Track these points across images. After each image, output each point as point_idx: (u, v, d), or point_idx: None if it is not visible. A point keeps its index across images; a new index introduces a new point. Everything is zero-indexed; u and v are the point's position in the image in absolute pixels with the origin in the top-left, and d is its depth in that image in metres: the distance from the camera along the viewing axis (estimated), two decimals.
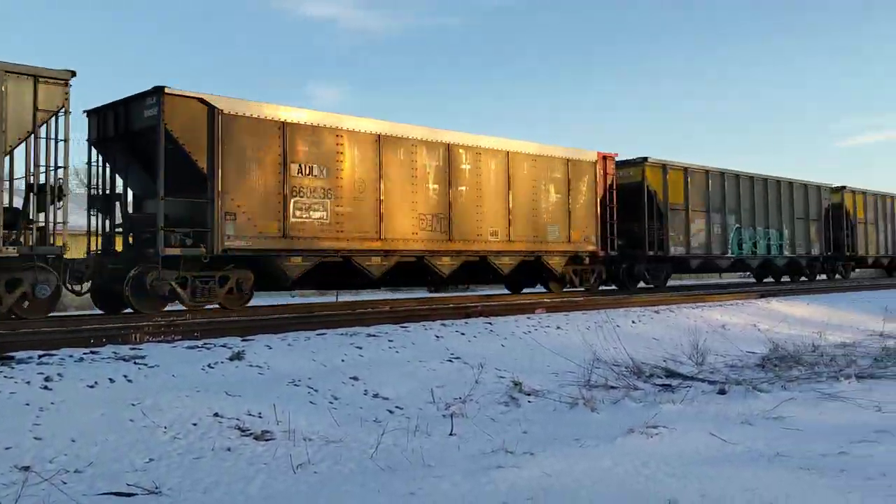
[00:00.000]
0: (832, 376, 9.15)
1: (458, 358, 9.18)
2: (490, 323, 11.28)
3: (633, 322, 12.79)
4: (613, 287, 21.23)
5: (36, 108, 10.74)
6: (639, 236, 20.46)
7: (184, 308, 12.38)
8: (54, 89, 11.00)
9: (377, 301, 16.94)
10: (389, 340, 9.48)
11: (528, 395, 8.00)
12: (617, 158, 19.75)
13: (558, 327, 11.57)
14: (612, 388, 8.37)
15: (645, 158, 20.64)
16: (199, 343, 8.52)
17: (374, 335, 9.64)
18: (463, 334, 10.33)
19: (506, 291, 19.44)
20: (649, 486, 4.90)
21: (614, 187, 19.43)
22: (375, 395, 7.53)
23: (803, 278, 28.22)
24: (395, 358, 8.90)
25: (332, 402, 7.15)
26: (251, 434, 6.03)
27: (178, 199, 12.00)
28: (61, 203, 11.06)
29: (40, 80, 10.78)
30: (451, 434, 6.41)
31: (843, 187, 29.97)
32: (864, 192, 30.83)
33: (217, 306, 13.00)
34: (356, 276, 14.59)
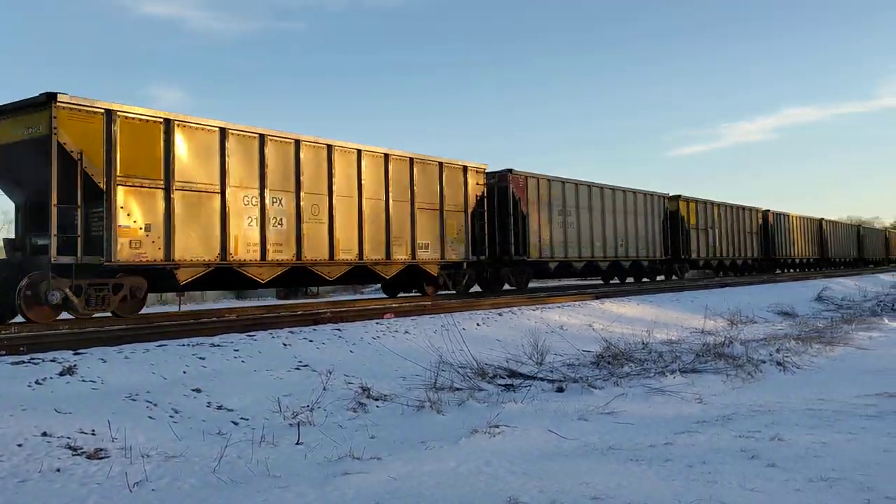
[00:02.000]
0: (659, 372, 9.81)
1: (306, 365, 9.08)
2: (339, 329, 11.23)
3: (478, 325, 13.13)
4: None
5: None
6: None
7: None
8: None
9: (223, 309, 16.42)
10: (235, 350, 9.23)
11: (377, 400, 8.05)
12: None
13: (406, 332, 11.69)
14: (458, 389, 8.57)
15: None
16: (26, 358, 7.94)
17: (218, 345, 9.36)
18: (311, 341, 10.23)
19: (356, 297, 19.46)
20: (491, 484, 5.08)
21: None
22: (219, 407, 7.32)
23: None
24: (240, 368, 8.69)
25: (172, 416, 6.89)
26: (83, 453, 5.70)
27: None
28: None
29: None
30: (297, 443, 6.34)
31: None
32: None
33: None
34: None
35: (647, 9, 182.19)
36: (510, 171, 22.25)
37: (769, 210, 40.71)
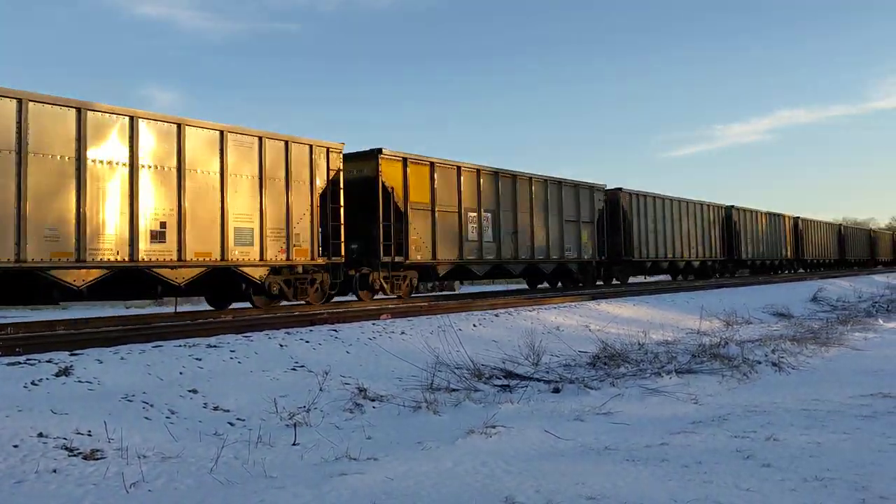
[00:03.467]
0: (655, 372, 9.83)
1: (302, 366, 9.09)
2: (335, 330, 11.23)
3: (475, 325, 13.14)
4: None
5: None
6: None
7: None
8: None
9: (219, 310, 16.40)
10: (231, 351, 9.23)
11: (373, 400, 8.06)
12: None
13: (403, 332, 11.69)
14: (454, 390, 8.58)
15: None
16: (22, 359, 7.94)
17: (214, 346, 9.36)
18: (307, 342, 10.23)
19: (351, 298, 19.40)
20: (488, 483, 5.09)
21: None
22: (216, 408, 7.32)
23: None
24: (236, 368, 8.69)
25: (168, 417, 6.89)
26: (80, 454, 5.70)
27: None
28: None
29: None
30: (294, 444, 6.35)
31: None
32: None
33: None
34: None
35: (638, 10, 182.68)
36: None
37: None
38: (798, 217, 47.75)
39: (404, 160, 18.41)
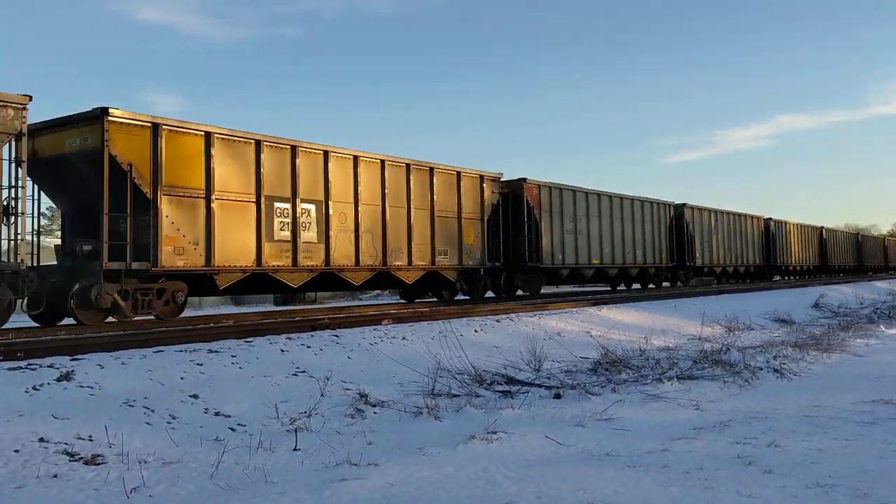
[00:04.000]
0: (657, 378, 9.82)
1: (303, 371, 9.09)
2: (337, 335, 11.24)
3: (476, 331, 13.14)
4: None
5: None
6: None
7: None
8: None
9: (221, 315, 16.42)
10: (232, 356, 9.23)
11: (374, 406, 8.05)
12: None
13: (404, 338, 11.69)
14: (455, 396, 8.58)
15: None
16: (23, 364, 7.93)
17: (215, 351, 9.36)
18: (309, 347, 10.23)
19: (354, 303, 19.52)
20: (489, 489, 5.09)
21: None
22: (217, 413, 7.32)
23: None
24: (238, 374, 8.69)
25: (169, 422, 6.89)
26: (81, 458, 5.71)
27: None
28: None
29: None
30: (295, 449, 6.35)
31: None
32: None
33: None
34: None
35: (637, 15, 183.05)
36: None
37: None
38: (770, 218, 42.50)
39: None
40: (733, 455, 5.98)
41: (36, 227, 14.10)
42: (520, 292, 23.63)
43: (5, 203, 11.84)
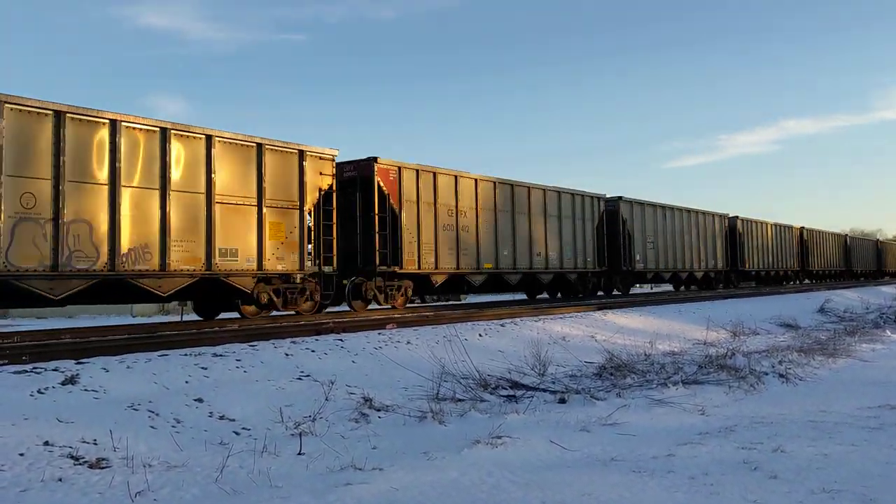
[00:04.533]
0: (662, 383, 9.80)
1: (308, 375, 9.09)
2: (341, 339, 11.24)
3: (480, 335, 13.13)
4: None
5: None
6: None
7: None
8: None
9: (225, 319, 16.42)
10: (237, 360, 9.24)
11: (379, 410, 8.05)
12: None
13: (408, 342, 11.69)
14: (460, 400, 8.57)
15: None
16: (28, 367, 7.96)
17: (220, 355, 9.37)
18: (313, 351, 10.23)
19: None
20: (493, 494, 5.08)
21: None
22: (221, 417, 7.33)
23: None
24: (242, 378, 8.69)
25: (174, 426, 6.89)
26: (85, 462, 5.71)
27: None
28: None
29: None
30: (299, 453, 6.34)
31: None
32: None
33: None
34: None
35: (641, 20, 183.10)
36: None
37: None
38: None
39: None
40: (739, 460, 5.97)
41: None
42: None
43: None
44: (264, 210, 14.65)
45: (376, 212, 17.45)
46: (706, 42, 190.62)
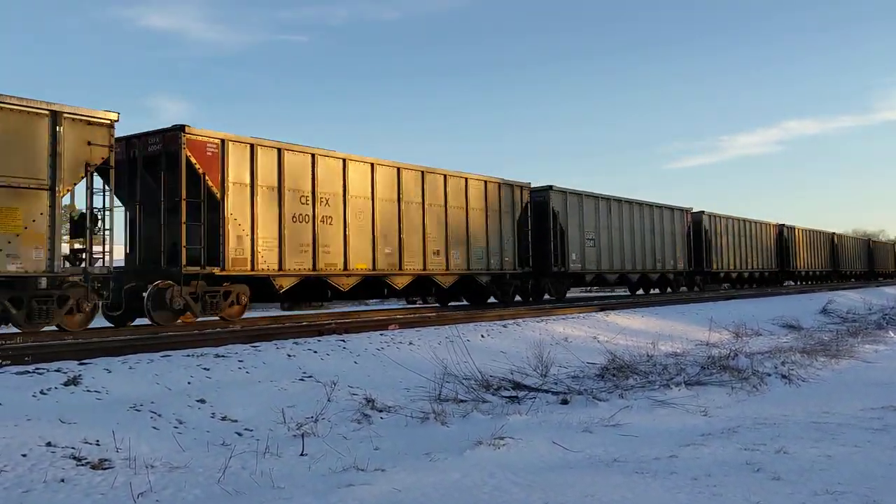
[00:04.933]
0: (664, 384, 9.79)
1: (310, 376, 9.08)
2: (343, 340, 11.24)
3: (483, 336, 13.12)
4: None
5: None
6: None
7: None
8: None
9: (227, 320, 16.42)
10: (239, 361, 9.24)
11: (381, 411, 8.05)
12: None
13: (411, 343, 11.69)
14: (462, 401, 8.57)
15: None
16: (31, 368, 7.96)
17: (222, 355, 9.37)
18: (315, 352, 10.23)
19: (359, 308, 19.42)
20: (496, 495, 5.08)
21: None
22: (224, 418, 7.33)
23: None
24: (244, 378, 8.69)
25: (176, 427, 6.89)
26: (88, 463, 5.71)
27: None
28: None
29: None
30: (301, 454, 6.34)
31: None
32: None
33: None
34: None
35: (641, 21, 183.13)
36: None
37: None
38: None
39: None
40: (741, 461, 5.96)
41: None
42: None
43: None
44: None
45: (183, 196, 13.71)
46: (708, 44, 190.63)
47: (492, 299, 22.56)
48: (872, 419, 7.78)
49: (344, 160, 16.84)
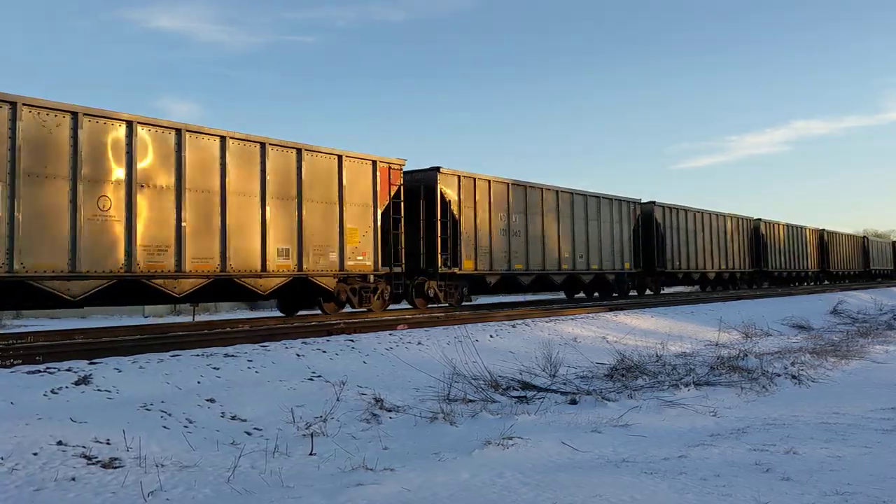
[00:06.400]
0: (673, 384, 9.77)
1: (319, 376, 9.11)
2: (352, 340, 11.26)
3: (491, 336, 13.12)
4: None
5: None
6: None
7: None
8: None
9: (237, 320, 16.49)
10: (249, 360, 9.27)
11: (390, 411, 8.06)
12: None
13: (419, 343, 11.70)
14: (471, 401, 8.57)
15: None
16: (42, 367, 8.01)
17: (232, 355, 9.40)
18: (325, 352, 10.25)
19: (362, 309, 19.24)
20: (504, 495, 5.08)
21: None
22: (233, 417, 7.35)
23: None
24: (254, 378, 8.72)
25: (186, 426, 6.92)
26: (98, 462, 5.75)
27: None
28: None
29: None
30: (311, 454, 6.36)
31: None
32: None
33: None
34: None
35: (649, 21, 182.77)
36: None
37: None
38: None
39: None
40: (751, 462, 5.94)
41: None
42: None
43: None
44: None
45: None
46: (714, 44, 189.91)
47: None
48: (883, 420, 7.75)
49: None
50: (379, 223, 17.18)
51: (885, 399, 8.97)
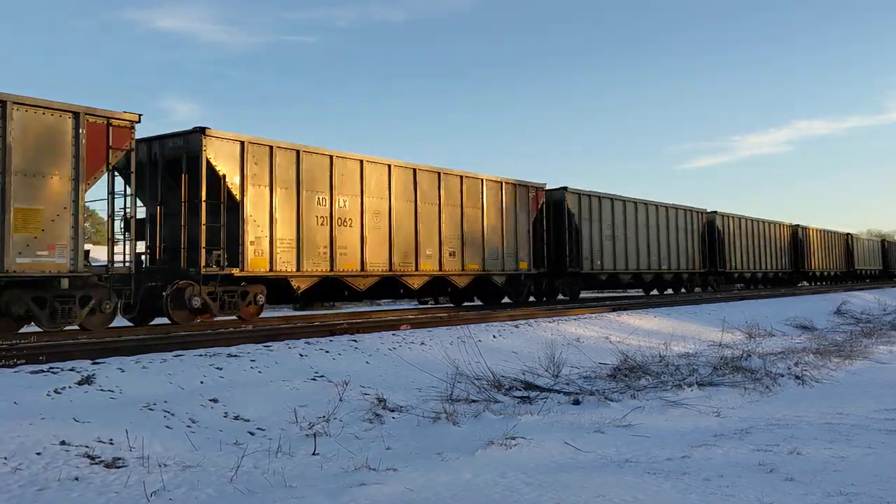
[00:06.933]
0: (676, 385, 9.76)
1: (322, 376, 9.11)
2: (355, 340, 11.26)
3: (494, 336, 13.12)
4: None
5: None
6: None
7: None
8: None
9: (240, 320, 16.49)
10: (251, 360, 9.28)
11: (392, 411, 8.06)
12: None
13: (422, 343, 11.70)
14: (474, 401, 8.56)
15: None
16: (45, 367, 8.02)
17: (235, 355, 9.41)
18: (327, 352, 10.26)
19: (370, 308, 19.27)
20: (507, 495, 5.08)
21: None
22: (236, 417, 7.36)
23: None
24: (257, 378, 8.73)
25: (189, 426, 6.93)
26: (101, 462, 5.75)
27: None
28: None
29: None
30: (314, 454, 6.36)
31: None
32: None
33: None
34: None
35: (652, 21, 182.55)
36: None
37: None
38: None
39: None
40: (754, 462, 5.93)
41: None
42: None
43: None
44: None
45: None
46: (717, 44, 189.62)
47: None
48: (886, 420, 7.73)
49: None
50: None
51: (889, 399, 8.95)
